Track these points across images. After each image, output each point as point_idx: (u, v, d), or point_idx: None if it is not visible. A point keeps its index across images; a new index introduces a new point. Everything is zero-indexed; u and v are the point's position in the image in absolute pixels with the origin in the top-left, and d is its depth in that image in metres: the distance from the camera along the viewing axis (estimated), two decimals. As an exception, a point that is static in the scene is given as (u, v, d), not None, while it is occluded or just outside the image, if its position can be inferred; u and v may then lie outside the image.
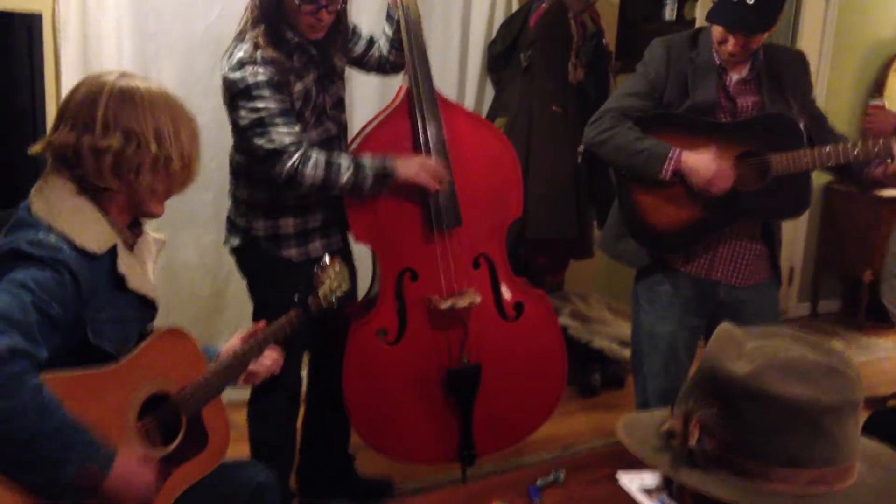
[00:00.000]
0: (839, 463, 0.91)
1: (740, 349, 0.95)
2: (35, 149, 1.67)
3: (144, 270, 1.76)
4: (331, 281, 2.00)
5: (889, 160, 2.33)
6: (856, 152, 2.30)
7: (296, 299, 1.94)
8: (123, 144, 1.61)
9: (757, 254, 2.51)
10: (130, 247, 1.73)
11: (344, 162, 2.36)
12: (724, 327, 1.00)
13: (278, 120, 2.28)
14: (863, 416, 0.96)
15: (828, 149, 2.32)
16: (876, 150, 2.30)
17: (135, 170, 1.63)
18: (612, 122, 2.47)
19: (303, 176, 2.30)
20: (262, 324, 1.92)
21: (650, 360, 2.59)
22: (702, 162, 2.37)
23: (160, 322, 1.83)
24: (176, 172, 1.68)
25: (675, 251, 2.50)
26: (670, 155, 2.39)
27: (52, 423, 1.43)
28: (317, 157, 2.31)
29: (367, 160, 2.40)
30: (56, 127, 1.65)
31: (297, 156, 2.28)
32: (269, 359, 1.92)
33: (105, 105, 1.61)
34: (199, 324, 3.34)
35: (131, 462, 1.56)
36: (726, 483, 0.91)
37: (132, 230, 1.75)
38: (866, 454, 0.96)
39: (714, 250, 2.49)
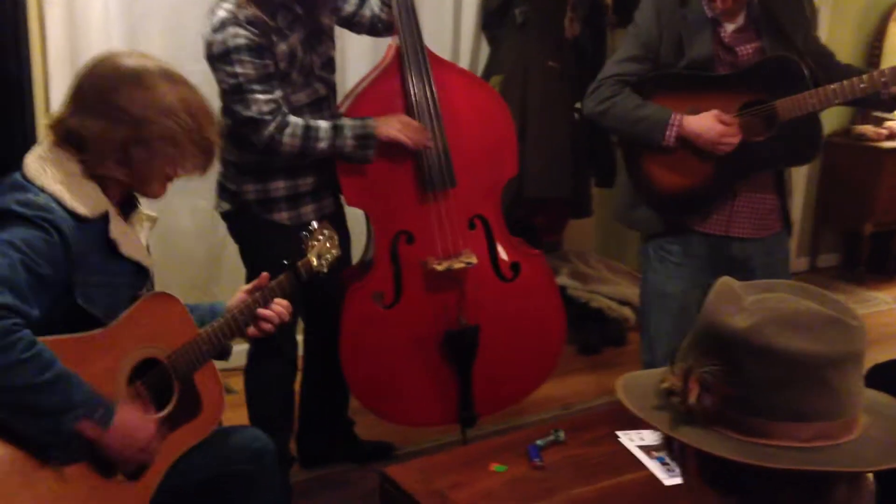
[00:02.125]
0: (842, 416, 0.89)
1: (740, 303, 0.93)
2: (45, 123, 1.67)
3: (138, 238, 1.74)
4: (319, 245, 1.98)
5: None
6: (862, 86, 2.26)
7: (284, 263, 1.91)
8: (133, 136, 1.61)
9: (771, 205, 2.49)
10: (125, 216, 1.71)
11: (323, 126, 2.32)
12: (723, 281, 0.98)
13: (256, 86, 2.24)
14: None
15: (833, 87, 2.28)
16: (883, 79, 2.27)
17: (144, 160, 1.64)
18: (610, 91, 2.44)
19: (280, 143, 2.27)
20: (265, 276, 1.88)
21: (659, 320, 2.57)
22: (704, 124, 2.33)
23: (158, 287, 1.82)
24: (193, 157, 1.69)
25: (693, 214, 2.47)
26: (671, 121, 2.35)
27: (50, 374, 1.45)
28: (294, 124, 2.28)
29: (348, 122, 2.37)
30: (69, 108, 1.64)
31: (273, 124, 2.25)
32: (280, 305, 1.88)
33: (119, 94, 1.60)
34: (195, 290, 3.32)
35: (132, 415, 1.59)
36: (727, 440, 0.89)
37: (128, 203, 1.75)
38: (870, 406, 0.95)
39: (731, 206, 2.46)
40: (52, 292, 1.53)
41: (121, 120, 1.60)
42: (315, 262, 1.97)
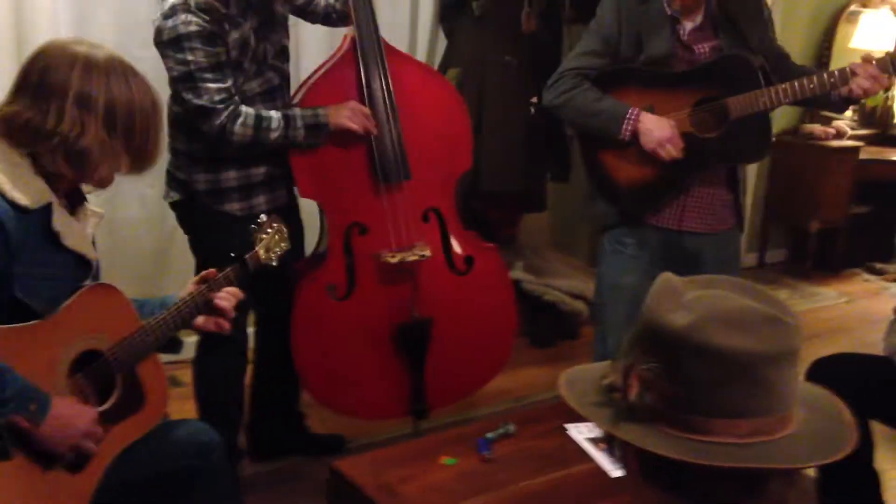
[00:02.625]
0: (778, 412, 0.91)
1: (679, 300, 0.93)
2: None
3: (83, 230, 1.70)
4: (268, 238, 1.97)
5: (846, 83, 2.32)
6: (811, 86, 2.31)
7: (232, 256, 1.89)
8: (81, 131, 1.58)
9: (723, 201, 2.53)
10: (70, 209, 1.67)
11: (275, 116, 2.31)
12: (664, 277, 0.99)
13: (207, 75, 2.21)
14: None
15: (784, 86, 2.33)
16: (832, 80, 2.32)
17: (91, 159, 1.62)
18: (570, 84, 2.47)
19: (231, 133, 2.25)
20: (213, 271, 1.86)
21: (613, 312, 2.60)
22: (657, 125, 2.37)
23: (105, 280, 1.78)
24: (126, 164, 1.68)
25: (649, 209, 2.50)
26: (628, 115, 2.39)
27: None
28: (246, 113, 2.26)
29: (298, 112, 2.35)
30: (12, 98, 1.61)
31: (225, 114, 2.23)
32: (228, 292, 1.85)
33: (67, 85, 1.57)
34: (144, 281, 3.26)
35: (68, 407, 1.56)
36: (666, 437, 0.90)
37: (76, 196, 1.72)
38: (806, 399, 0.97)
39: (684, 201, 2.50)
40: None
41: (66, 116, 1.58)
42: (263, 255, 1.95)
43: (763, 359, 0.88)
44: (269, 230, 1.97)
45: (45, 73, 1.59)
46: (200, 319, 1.84)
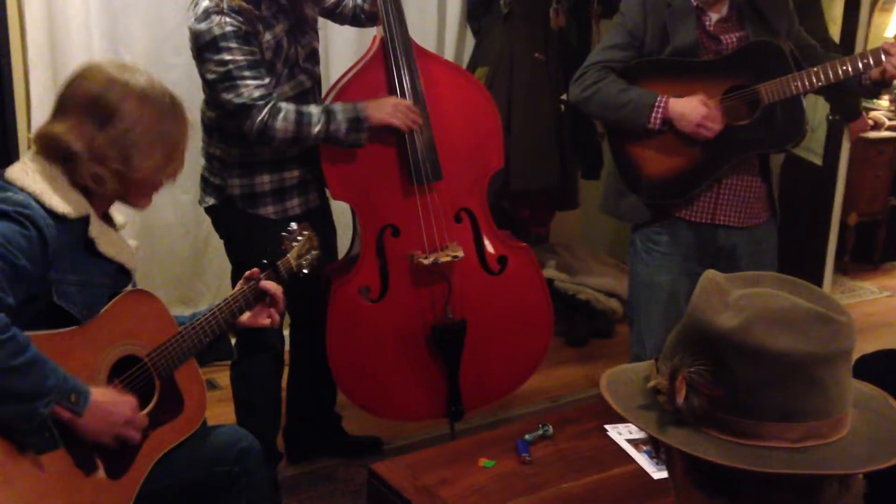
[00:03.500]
0: (832, 414, 0.88)
1: (726, 299, 0.91)
2: (30, 136, 1.67)
3: (121, 240, 1.72)
4: (299, 246, 1.97)
5: (880, 64, 2.28)
6: (844, 68, 2.27)
7: (263, 263, 1.90)
8: (122, 157, 1.63)
9: (757, 192, 2.49)
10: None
11: (315, 111, 2.30)
12: (708, 276, 0.96)
13: (247, 73, 2.21)
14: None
15: (816, 69, 2.29)
16: (864, 61, 2.28)
17: (133, 183, 1.67)
18: (595, 77, 2.44)
19: (273, 130, 2.24)
20: (256, 270, 1.88)
21: (649, 311, 2.57)
22: (689, 106, 2.33)
23: (139, 286, 1.79)
24: (171, 174, 1.74)
25: (677, 198, 2.47)
26: (656, 103, 2.36)
27: (23, 358, 1.44)
28: (286, 109, 2.25)
29: (339, 107, 2.35)
30: (55, 118, 1.64)
31: (266, 110, 2.22)
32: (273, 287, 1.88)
33: (108, 108, 1.61)
34: (180, 285, 3.30)
35: (108, 397, 1.58)
36: (715, 442, 0.88)
37: (107, 219, 1.76)
38: (858, 399, 0.94)
39: (717, 193, 2.46)
40: (28, 286, 1.51)
41: (107, 134, 1.61)
42: (294, 263, 1.96)
43: (814, 359, 0.86)
44: (300, 237, 1.98)
45: (91, 99, 1.62)
46: (247, 315, 1.86)
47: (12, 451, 1.48)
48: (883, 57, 2.26)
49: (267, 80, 2.25)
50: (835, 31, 4.68)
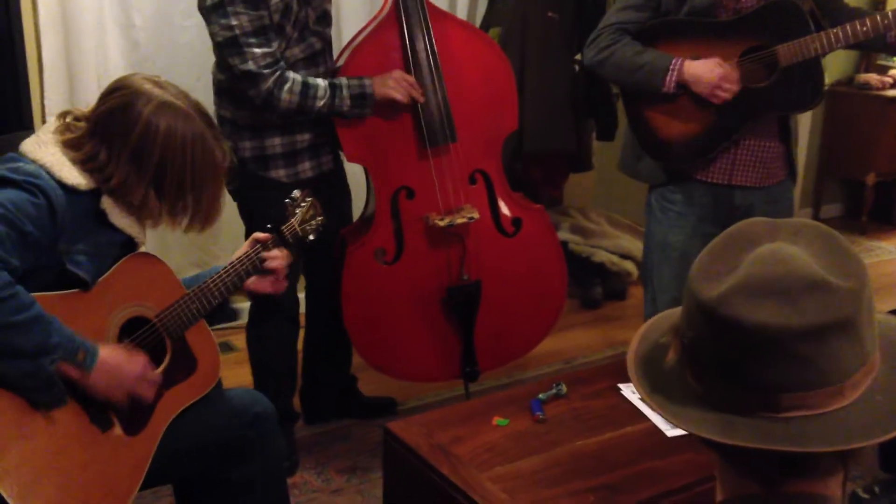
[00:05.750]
0: (822, 385, 0.83)
1: (741, 256, 0.87)
2: (57, 133, 1.66)
3: (131, 216, 1.71)
4: (302, 212, 1.96)
5: None
6: (864, 29, 2.23)
7: (268, 227, 1.89)
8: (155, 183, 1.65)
9: (775, 153, 2.46)
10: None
11: (321, 84, 2.29)
12: (743, 225, 0.91)
13: (252, 39, 2.20)
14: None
15: (835, 31, 2.24)
16: (885, 21, 2.23)
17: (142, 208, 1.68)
18: (610, 40, 2.40)
19: (278, 100, 2.24)
20: (264, 235, 1.88)
21: (661, 270, 2.56)
22: (704, 68, 2.30)
23: (153, 249, 1.80)
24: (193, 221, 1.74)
25: (694, 161, 2.44)
26: (671, 66, 2.32)
27: (27, 315, 1.45)
28: (293, 80, 2.25)
29: (344, 81, 2.34)
30: (90, 132, 1.63)
31: (272, 79, 2.22)
32: (280, 254, 1.88)
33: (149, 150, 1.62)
34: (194, 248, 3.31)
35: (117, 354, 1.59)
36: (698, 409, 0.87)
37: None
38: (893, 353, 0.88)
39: (735, 154, 2.43)
40: (36, 254, 1.52)
41: (146, 170, 1.63)
42: (299, 228, 1.95)
43: (796, 333, 0.81)
44: (304, 204, 1.98)
45: (134, 146, 1.62)
46: (253, 280, 1.85)
47: (28, 408, 1.50)
48: None
49: (274, 46, 2.24)
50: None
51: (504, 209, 2.68)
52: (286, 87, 2.24)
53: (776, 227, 0.91)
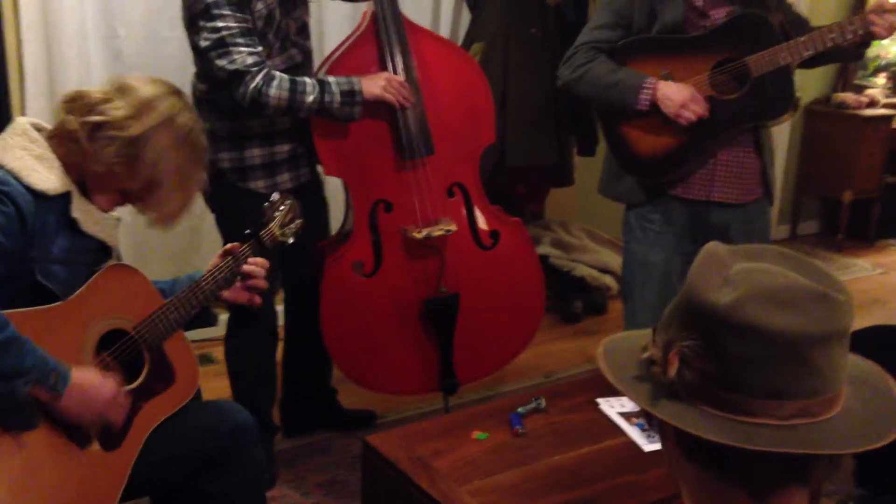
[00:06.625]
0: (824, 393, 0.87)
1: (725, 273, 0.89)
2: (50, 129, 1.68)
3: (103, 217, 1.70)
4: (281, 216, 1.96)
5: (867, 28, 2.28)
6: (832, 35, 2.27)
7: (246, 233, 1.89)
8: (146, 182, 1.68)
9: (751, 168, 2.49)
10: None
11: (309, 81, 2.29)
12: (709, 248, 0.94)
13: (240, 40, 2.20)
14: None
15: (803, 39, 2.29)
16: (852, 27, 2.28)
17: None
18: (585, 58, 2.44)
19: (267, 97, 2.23)
20: (236, 245, 1.87)
21: (643, 289, 2.58)
22: (674, 88, 2.33)
23: (134, 260, 1.79)
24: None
25: (669, 175, 2.47)
26: (645, 85, 2.35)
27: (2, 336, 1.42)
28: (280, 77, 2.25)
29: (332, 79, 2.34)
30: (85, 131, 1.63)
31: (259, 77, 2.22)
32: (257, 262, 1.88)
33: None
34: (175, 259, 3.29)
35: (89, 378, 1.56)
36: (705, 417, 0.87)
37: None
38: (854, 374, 0.92)
39: (713, 169, 2.46)
40: (7, 263, 1.50)
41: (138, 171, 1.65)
42: (278, 232, 1.95)
43: (809, 339, 0.84)
44: (282, 207, 1.97)
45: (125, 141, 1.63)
46: (229, 293, 1.84)
47: (0, 429, 1.47)
48: (870, 21, 2.26)
49: (260, 48, 2.24)
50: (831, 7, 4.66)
51: (482, 222, 2.69)
52: (274, 83, 2.23)
53: (737, 250, 0.94)
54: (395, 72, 2.48)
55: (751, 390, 0.86)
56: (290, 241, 1.97)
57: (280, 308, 2.70)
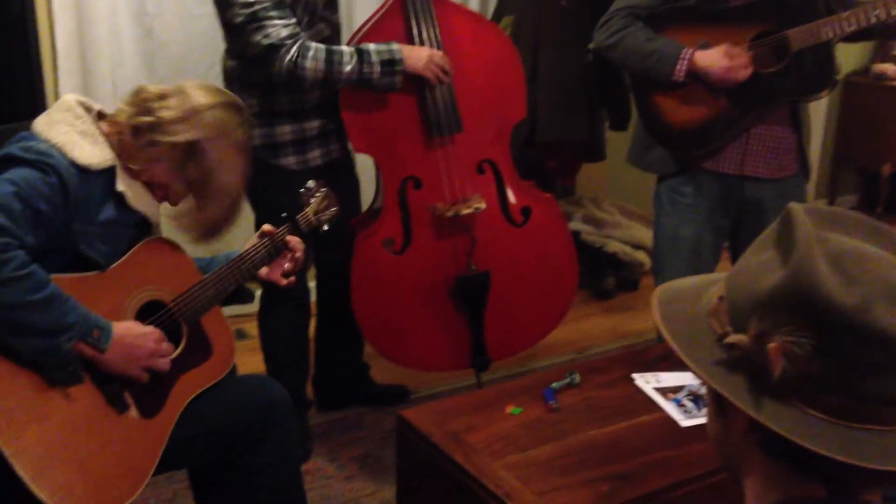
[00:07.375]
0: None
1: (842, 265, 0.80)
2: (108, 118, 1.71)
3: (146, 192, 1.72)
4: (317, 202, 1.99)
5: None
6: (877, 12, 2.20)
7: (283, 216, 1.92)
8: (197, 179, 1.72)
9: (787, 144, 2.43)
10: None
11: (346, 50, 2.27)
12: (795, 208, 0.86)
13: (273, 13, 2.18)
14: None
15: (846, 14, 2.22)
16: None
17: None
18: (621, 24, 2.39)
19: (303, 69, 2.22)
20: (270, 227, 1.90)
21: (673, 263, 2.55)
22: (712, 59, 2.28)
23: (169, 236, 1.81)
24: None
25: (703, 149, 2.43)
26: (682, 55, 2.31)
27: (43, 294, 1.47)
28: (316, 48, 2.23)
29: (372, 46, 2.31)
30: (133, 128, 1.67)
31: (294, 48, 2.20)
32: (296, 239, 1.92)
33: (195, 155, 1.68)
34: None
35: (131, 330, 1.60)
36: (810, 423, 0.81)
37: None
38: None
39: (745, 143, 2.41)
40: (50, 234, 1.53)
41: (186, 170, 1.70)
42: (313, 218, 1.98)
43: None
44: (318, 194, 2.00)
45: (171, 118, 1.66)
46: (265, 270, 1.87)
47: (45, 388, 1.51)
48: None
49: (293, 20, 2.22)
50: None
51: (512, 199, 2.67)
52: (310, 54, 2.21)
53: (818, 213, 0.87)
54: (422, 46, 2.45)
55: (862, 395, 0.80)
56: (325, 227, 2.00)
57: (312, 285, 2.71)
